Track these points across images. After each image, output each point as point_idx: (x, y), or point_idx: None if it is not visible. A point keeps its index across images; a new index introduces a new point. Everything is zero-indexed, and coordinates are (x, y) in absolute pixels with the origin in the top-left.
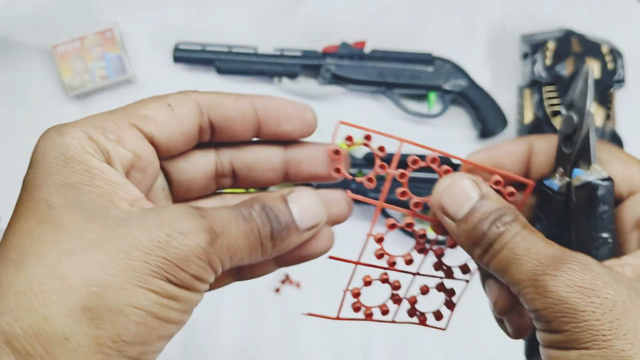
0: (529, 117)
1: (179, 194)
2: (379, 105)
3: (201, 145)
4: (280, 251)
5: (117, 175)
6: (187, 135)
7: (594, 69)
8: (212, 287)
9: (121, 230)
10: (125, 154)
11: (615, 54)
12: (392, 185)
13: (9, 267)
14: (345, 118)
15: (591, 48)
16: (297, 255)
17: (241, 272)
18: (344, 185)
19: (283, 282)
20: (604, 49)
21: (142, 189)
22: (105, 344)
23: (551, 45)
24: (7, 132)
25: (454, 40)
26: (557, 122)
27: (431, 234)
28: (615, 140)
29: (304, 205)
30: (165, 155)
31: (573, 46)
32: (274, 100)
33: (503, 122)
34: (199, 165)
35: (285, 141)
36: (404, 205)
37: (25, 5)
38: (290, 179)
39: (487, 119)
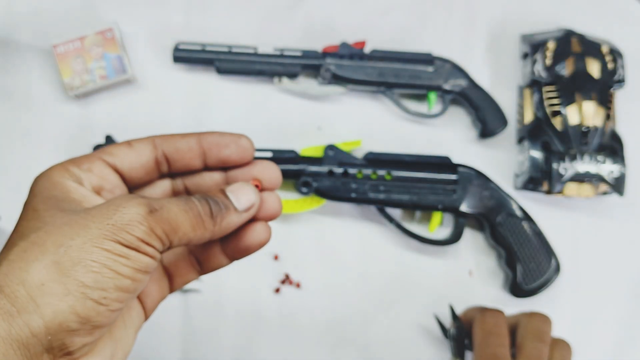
0: (528, 117)
1: None
2: (379, 105)
3: (163, 176)
4: (223, 229)
5: (86, 191)
6: (145, 165)
7: (594, 68)
8: (178, 281)
9: (82, 213)
10: (93, 179)
11: (615, 54)
12: (393, 186)
13: (5, 249)
14: (345, 118)
15: (591, 48)
16: (240, 246)
17: (201, 266)
18: (343, 184)
19: (283, 282)
20: (604, 49)
21: None
22: (71, 287)
23: (551, 45)
24: (7, 132)
25: (454, 40)
26: (557, 122)
27: None
28: (615, 140)
29: (239, 191)
30: (133, 183)
31: (573, 46)
32: (214, 133)
33: (503, 122)
34: (159, 189)
35: (228, 167)
36: (404, 204)
37: (25, 5)
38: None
39: (487, 118)
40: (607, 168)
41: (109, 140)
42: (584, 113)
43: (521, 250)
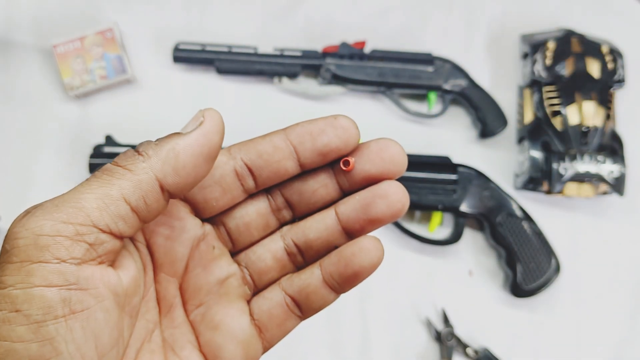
0: (528, 117)
1: (240, 240)
2: (379, 105)
3: (254, 194)
4: (167, 159)
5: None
6: (220, 182)
7: (594, 68)
8: (274, 334)
9: None
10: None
11: (615, 54)
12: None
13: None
14: None
15: (591, 48)
16: (348, 273)
17: (301, 309)
18: None
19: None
20: (604, 49)
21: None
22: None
23: (551, 45)
24: (6, 132)
25: (454, 40)
26: (556, 122)
27: None
28: (615, 140)
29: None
30: (209, 206)
31: (573, 46)
32: (302, 122)
33: (503, 122)
34: (252, 208)
35: (332, 161)
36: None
37: (25, 5)
38: (346, 187)
39: (487, 118)
40: (607, 168)
41: (109, 140)
42: (584, 113)
43: (521, 250)
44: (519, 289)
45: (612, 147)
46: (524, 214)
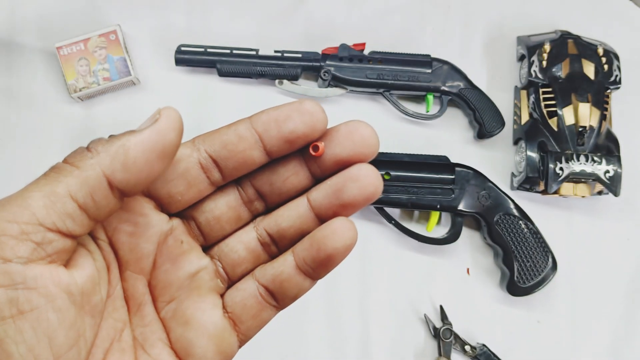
0: (525, 117)
1: (212, 234)
2: (378, 106)
3: (222, 186)
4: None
5: None
6: (184, 175)
7: (590, 70)
8: (250, 326)
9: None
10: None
11: (611, 55)
12: (392, 186)
13: None
14: (345, 119)
15: (587, 50)
16: (321, 256)
17: (276, 298)
18: None
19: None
20: (600, 51)
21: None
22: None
23: (547, 47)
24: (11, 134)
25: (452, 42)
26: (553, 122)
27: None
28: (611, 140)
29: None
30: (174, 200)
31: (569, 48)
32: (268, 109)
33: (501, 122)
34: (222, 201)
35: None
36: (403, 204)
37: (29, 8)
38: (318, 174)
39: (484, 119)
40: (603, 168)
41: None
42: (579, 114)
43: (518, 248)
44: (516, 287)
45: (608, 148)
46: (520, 213)
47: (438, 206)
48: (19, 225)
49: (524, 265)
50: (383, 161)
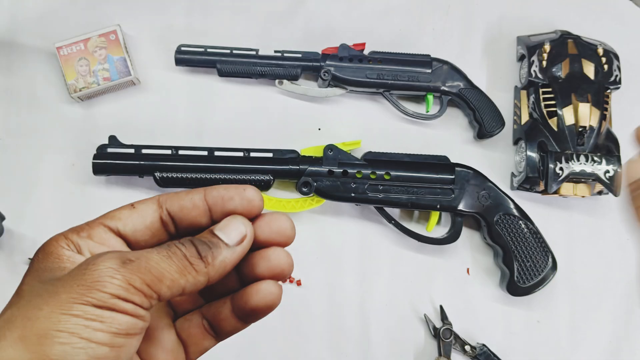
0: (525, 117)
1: None
2: (378, 106)
3: (173, 237)
4: (218, 268)
5: (81, 258)
6: (150, 227)
7: (590, 70)
8: (194, 350)
9: (54, 280)
10: (93, 245)
11: (611, 55)
12: (392, 186)
13: None
14: (345, 119)
15: (587, 50)
16: (248, 309)
17: (216, 331)
18: (343, 184)
19: (284, 280)
20: (600, 51)
21: None
22: None
23: (547, 47)
24: (11, 133)
25: (452, 43)
26: (553, 122)
27: None
28: (611, 140)
29: (227, 226)
30: (139, 246)
31: (569, 48)
32: (219, 187)
33: (501, 122)
34: None
35: None
36: (403, 204)
37: (29, 8)
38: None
39: (484, 119)
40: (603, 168)
41: (113, 140)
42: (579, 114)
43: (518, 248)
44: (516, 287)
45: (608, 147)
46: (520, 213)
47: (438, 206)
48: None
49: (523, 265)
50: (383, 161)
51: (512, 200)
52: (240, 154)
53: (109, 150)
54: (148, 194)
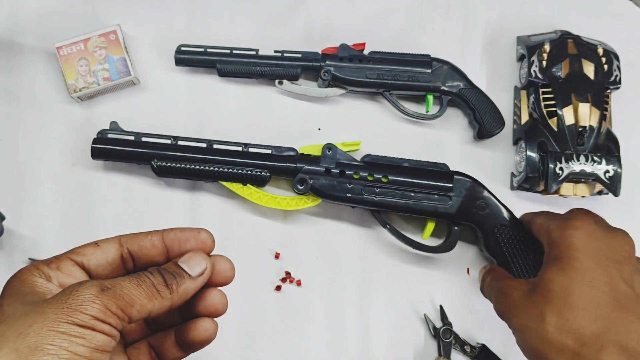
0: (525, 117)
1: None
2: (378, 106)
3: (130, 272)
4: (181, 295)
5: (52, 286)
6: (111, 263)
7: (590, 70)
8: None
9: (41, 302)
10: (61, 276)
11: (611, 55)
12: (389, 189)
13: None
14: (345, 119)
15: (587, 49)
16: (187, 341)
17: (160, 358)
18: (339, 184)
19: (284, 280)
20: (600, 51)
21: None
22: None
23: (547, 47)
24: (11, 133)
25: (452, 42)
26: (553, 122)
27: None
28: (611, 140)
29: (190, 260)
30: (100, 278)
31: (569, 48)
32: (175, 229)
33: (501, 122)
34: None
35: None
36: (399, 209)
37: (29, 8)
38: None
39: (484, 119)
40: (603, 168)
41: (114, 125)
42: (579, 114)
43: (514, 261)
44: None
45: (608, 147)
46: (518, 224)
47: (434, 212)
48: None
49: (521, 275)
50: (381, 164)
51: (510, 211)
52: (239, 148)
53: (109, 135)
54: (146, 189)
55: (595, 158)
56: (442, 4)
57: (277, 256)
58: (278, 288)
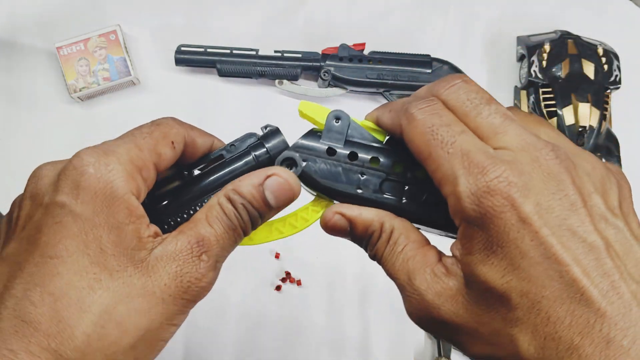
0: None
1: None
2: (378, 106)
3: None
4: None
5: (142, 210)
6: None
7: (590, 70)
8: None
9: (155, 277)
10: (146, 190)
11: (611, 55)
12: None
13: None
14: None
15: (587, 50)
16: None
17: None
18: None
19: (284, 280)
20: (600, 51)
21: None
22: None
23: (547, 47)
24: (11, 133)
25: (452, 43)
26: (553, 122)
27: None
28: (611, 140)
29: (278, 190)
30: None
31: (569, 48)
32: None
33: None
34: None
35: None
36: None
37: (29, 8)
38: None
39: None
40: None
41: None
42: (579, 114)
43: None
44: None
45: (608, 148)
46: None
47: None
48: None
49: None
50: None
51: None
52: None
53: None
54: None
55: None
56: (442, 4)
57: (277, 256)
58: (278, 288)
